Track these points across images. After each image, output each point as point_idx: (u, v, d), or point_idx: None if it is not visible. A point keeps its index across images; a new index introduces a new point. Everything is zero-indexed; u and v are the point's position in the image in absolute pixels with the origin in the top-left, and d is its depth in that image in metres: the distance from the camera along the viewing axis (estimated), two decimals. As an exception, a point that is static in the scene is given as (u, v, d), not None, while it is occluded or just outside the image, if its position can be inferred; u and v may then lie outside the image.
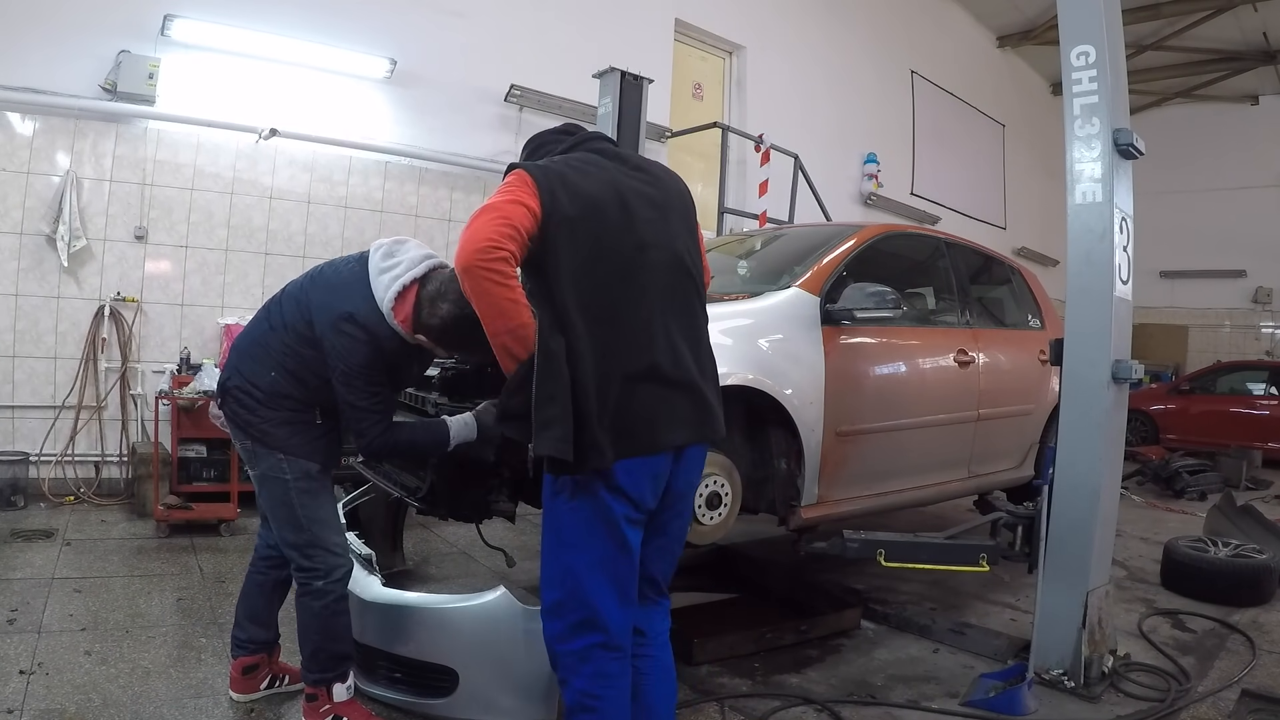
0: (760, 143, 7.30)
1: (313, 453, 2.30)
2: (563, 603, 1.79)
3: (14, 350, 4.94)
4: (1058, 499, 2.87)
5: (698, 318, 1.91)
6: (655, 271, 1.82)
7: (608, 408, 1.70)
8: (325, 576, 2.26)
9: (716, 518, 2.69)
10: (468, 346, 2.19)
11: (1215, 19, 10.70)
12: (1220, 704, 2.73)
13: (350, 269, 2.28)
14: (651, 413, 1.75)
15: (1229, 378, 10.25)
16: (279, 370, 2.25)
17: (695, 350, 1.87)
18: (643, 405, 1.74)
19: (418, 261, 2.22)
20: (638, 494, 1.76)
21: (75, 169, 5.01)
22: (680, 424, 1.79)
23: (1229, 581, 3.86)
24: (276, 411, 2.26)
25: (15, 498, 4.67)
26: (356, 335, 2.14)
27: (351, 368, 2.14)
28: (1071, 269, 2.91)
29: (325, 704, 2.28)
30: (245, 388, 2.28)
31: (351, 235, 5.98)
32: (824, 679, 2.88)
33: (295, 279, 2.40)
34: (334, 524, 2.34)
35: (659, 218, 1.87)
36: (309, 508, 2.27)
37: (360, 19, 5.91)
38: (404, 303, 2.17)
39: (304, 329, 2.23)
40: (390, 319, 2.17)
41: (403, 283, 2.17)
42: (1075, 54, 2.85)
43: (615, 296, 1.76)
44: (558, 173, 1.78)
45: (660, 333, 1.79)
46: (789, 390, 2.92)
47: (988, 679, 2.81)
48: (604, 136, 2.01)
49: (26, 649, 2.74)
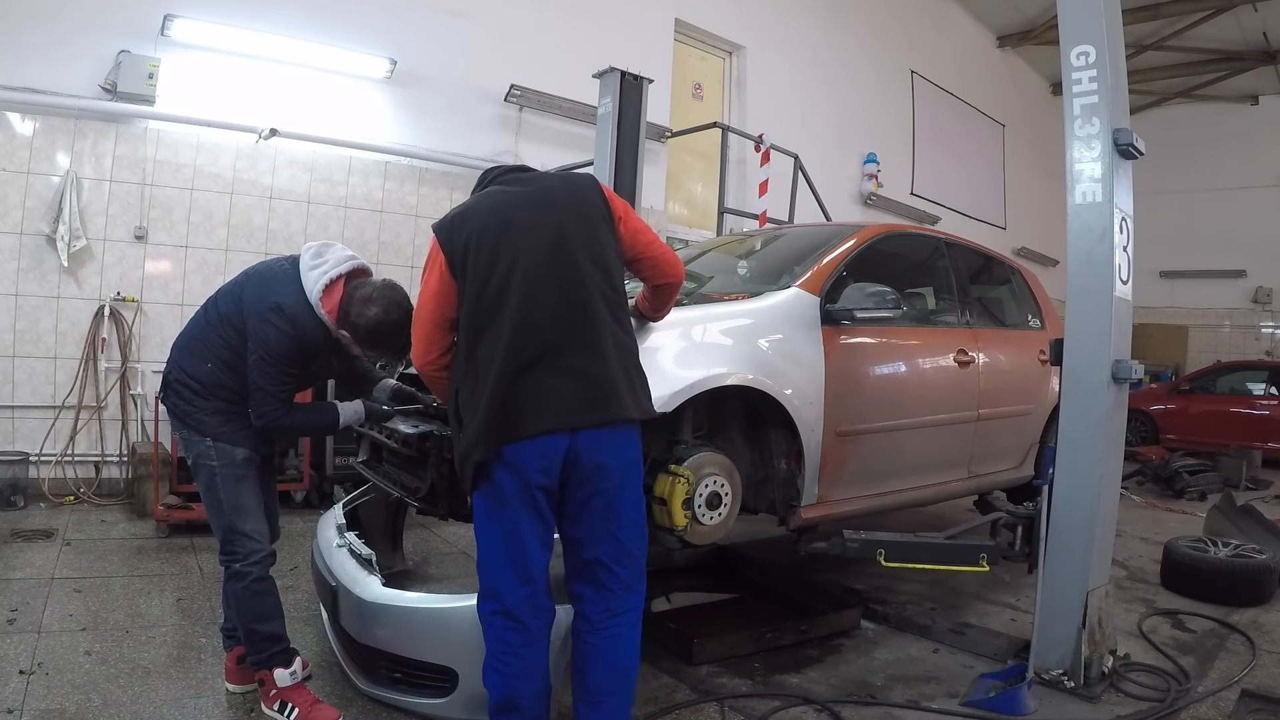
0: (760, 143, 7.30)
1: (241, 439, 2.45)
2: (478, 572, 2.07)
3: (14, 350, 4.94)
4: (1058, 499, 2.87)
5: (593, 308, 2.02)
6: (536, 274, 2.00)
7: (494, 406, 1.93)
8: (242, 559, 2.41)
9: (716, 518, 2.69)
10: (384, 348, 2.47)
11: (1215, 19, 10.70)
12: (1220, 704, 2.73)
13: (282, 266, 2.49)
14: (532, 402, 1.94)
15: (1229, 378, 10.25)
16: (215, 362, 2.42)
17: (588, 338, 1.99)
18: (524, 396, 1.94)
19: (343, 260, 2.47)
20: (525, 470, 1.95)
21: (75, 169, 5.01)
22: (564, 409, 1.95)
23: (1229, 581, 3.86)
24: (211, 401, 2.42)
25: (15, 498, 4.67)
26: (281, 326, 2.34)
27: (269, 354, 2.33)
28: (1071, 269, 2.91)
29: (272, 689, 2.41)
30: (184, 380, 2.44)
31: (351, 235, 5.98)
32: (824, 679, 2.88)
33: (232, 278, 2.56)
34: (254, 511, 2.47)
35: (539, 222, 2.05)
36: (231, 493, 2.42)
37: (360, 19, 5.91)
38: (331, 295, 2.39)
39: (238, 321, 2.41)
40: (318, 309, 2.38)
41: (329, 276, 2.40)
42: (1075, 54, 2.85)
43: (498, 306, 1.98)
44: (452, 220, 2.12)
45: (543, 328, 1.97)
46: (789, 390, 2.92)
47: (988, 679, 2.81)
48: (515, 169, 2.28)
49: (26, 649, 2.74)
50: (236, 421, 2.43)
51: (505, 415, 1.93)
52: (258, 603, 2.41)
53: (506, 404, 1.94)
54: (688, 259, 4.35)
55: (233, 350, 2.41)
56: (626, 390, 2.02)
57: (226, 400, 2.42)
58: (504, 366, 1.94)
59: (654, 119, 6.67)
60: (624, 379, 2.02)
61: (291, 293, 2.38)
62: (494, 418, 1.93)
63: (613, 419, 1.99)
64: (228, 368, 2.41)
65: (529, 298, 1.98)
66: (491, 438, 1.93)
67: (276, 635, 2.44)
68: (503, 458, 1.94)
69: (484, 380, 1.96)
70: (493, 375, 1.95)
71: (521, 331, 1.96)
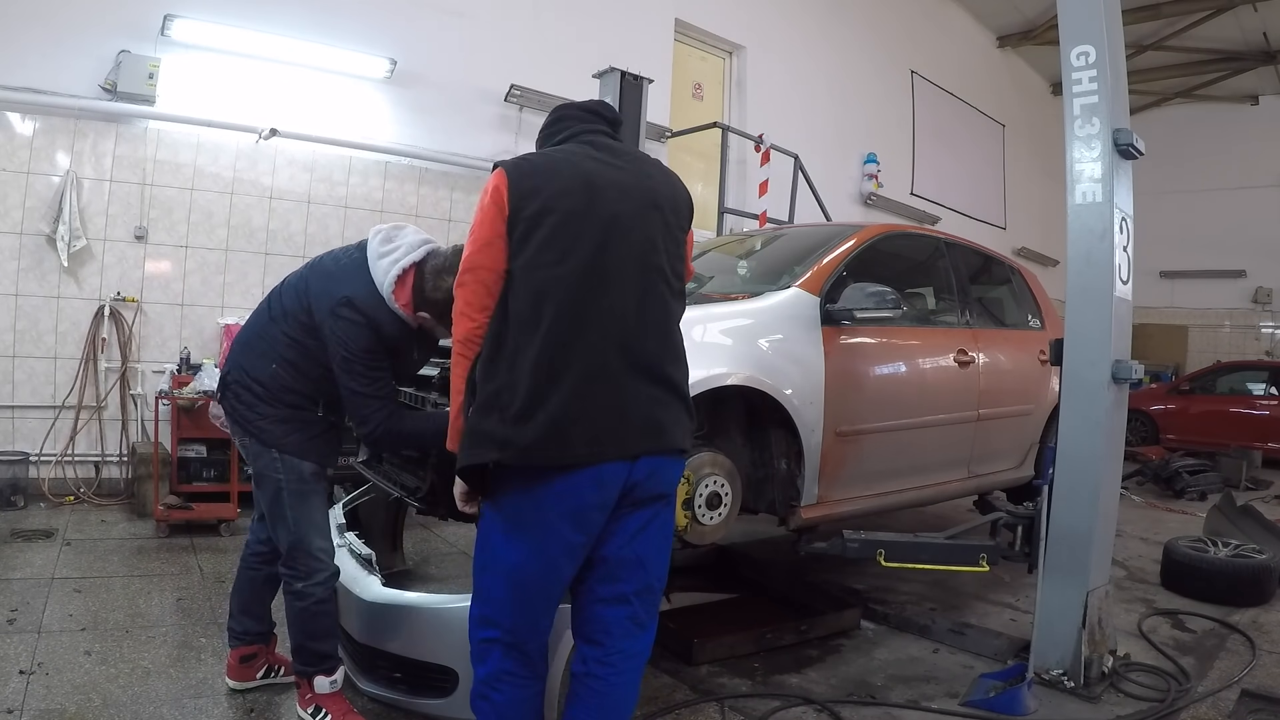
0: (760, 143, 7.31)
1: (308, 451, 2.30)
2: (474, 594, 1.84)
3: (14, 350, 4.94)
4: (1058, 499, 2.87)
5: (674, 325, 1.83)
6: (628, 267, 1.75)
7: (571, 407, 1.68)
8: (306, 579, 2.30)
9: (716, 518, 2.69)
10: None
11: (1215, 19, 10.70)
12: (1220, 704, 2.73)
13: (349, 256, 2.31)
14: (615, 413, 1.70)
15: (1229, 378, 10.25)
16: (280, 362, 2.25)
17: (675, 353, 1.81)
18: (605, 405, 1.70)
19: (416, 246, 2.26)
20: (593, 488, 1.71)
21: (75, 169, 5.01)
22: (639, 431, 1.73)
23: (1229, 581, 3.86)
24: (276, 408, 2.26)
25: (15, 498, 4.67)
26: (355, 319, 2.15)
27: (352, 353, 2.15)
28: (1071, 269, 2.91)
29: (308, 693, 2.36)
30: (245, 382, 2.28)
31: (351, 235, 5.96)
32: (824, 679, 2.88)
33: (295, 270, 2.41)
34: (322, 528, 2.35)
35: (638, 216, 1.79)
36: (298, 509, 2.29)
37: (360, 19, 5.91)
38: (404, 286, 2.20)
39: (304, 317, 2.23)
40: (391, 302, 2.19)
41: (402, 266, 2.20)
42: (1075, 54, 2.85)
43: (584, 285, 1.71)
44: (531, 167, 1.78)
45: (636, 331, 1.73)
46: (789, 390, 2.92)
47: (988, 679, 2.81)
48: (601, 128, 1.92)
49: (26, 649, 2.74)
50: (304, 431, 2.27)
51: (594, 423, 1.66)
52: (315, 623, 2.32)
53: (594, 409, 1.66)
54: (688, 259, 4.35)
55: (300, 349, 2.22)
56: (687, 416, 1.82)
57: (292, 406, 2.25)
58: (599, 366, 1.67)
59: (654, 119, 6.68)
60: (685, 405, 1.81)
61: (361, 283, 2.19)
62: (584, 423, 1.64)
63: (672, 447, 1.77)
64: (293, 368, 2.24)
65: (625, 292, 1.72)
66: (587, 447, 1.65)
67: (326, 654, 2.36)
68: (576, 472, 1.66)
69: (563, 370, 1.65)
70: (580, 371, 1.65)
71: (619, 333, 1.70)
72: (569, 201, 1.72)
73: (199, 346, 5.34)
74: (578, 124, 1.91)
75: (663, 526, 1.86)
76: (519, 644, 1.79)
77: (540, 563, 1.73)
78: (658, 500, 1.80)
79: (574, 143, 1.87)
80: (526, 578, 1.75)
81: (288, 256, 5.74)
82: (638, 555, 1.80)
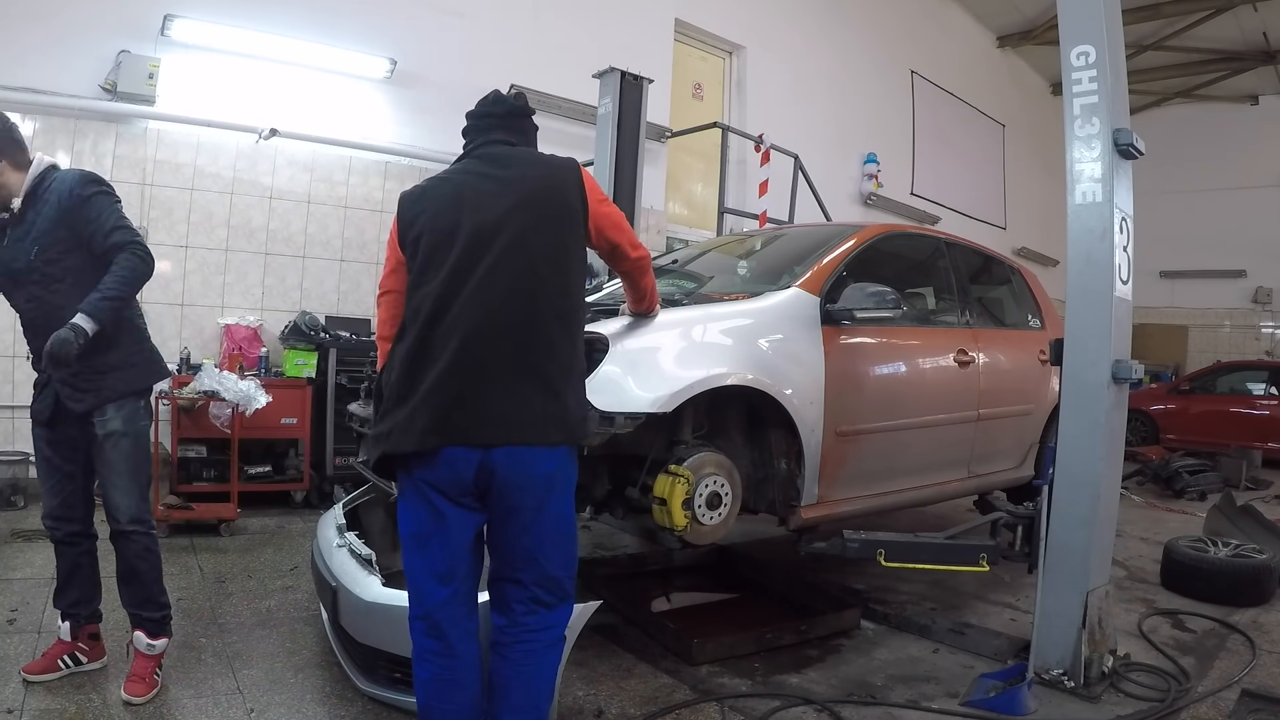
0: (760, 143, 7.30)
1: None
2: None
3: (14, 350, 4.94)
4: (1058, 499, 2.87)
5: (536, 321, 1.88)
6: (486, 278, 1.88)
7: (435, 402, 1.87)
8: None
9: (716, 518, 2.69)
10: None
11: (1215, 19, 10.71)
12: (1220, 704, 2.73)
13: None
14: (465, 408, 1.87)
15: (1229, 378, 10.26)
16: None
17: (524, 354, 1.87)
18: (455, 401, 1.86)
19: None
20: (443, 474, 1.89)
21: (75, 169, 5.00)
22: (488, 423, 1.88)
23: (1229, 581, 3.86)
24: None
25: (15, 498, 4.67)
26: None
27: None
28: (1071, 269, 2.91)
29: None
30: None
31: (352, 235, 5.98)
32: (824, 679, 2.87)
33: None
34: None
35: (501, 221, 1.91)
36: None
37: (360, 19, 5.92)
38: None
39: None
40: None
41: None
42: (1075, 54, 2.85)
43: (445, 300, 1.88)
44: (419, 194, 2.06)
45: (483, 336, 1.86)
46: (789, 390, 2.92)
47: (988, 679, 2.80)
48: (495, 138, 2.10)
49: (26, 649, 2.74)
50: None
51: (435, 415, 1.83)
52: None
53: (438, 403, 1.84)
54: (688, 259, 4.35)
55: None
56: (555, 410, 1.88)
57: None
58: (446, 366, 1.83)
59: (654, 119, 6.67)
60: (553, 400, 1.88)
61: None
62: (426, 415, 1.84)
63: (529, 440, 1.86)
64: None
65: (476, 301, 1.85)
66: (421, 435, 1.84)
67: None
68: (430, 456, 1.86)
69: (419, 372, 1.86)
70: (432, 372, 1.84)
71: (465, 336, 1.83)
72: (439, 222, 1.94)
73: (199, 346, 5.34)
74: (475, 135, 2.12)
75: (553, 522, 1.95)
76: (433, 621, 1.94)
77: (418, 531, 1.95)
78: (535, 492, 1.89)
79: (468, 159, 2.09)
80: (413, 548, 1.97)
81: (288, 256, 5.74)
82: (527, 550, 1.94)
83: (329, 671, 2.73)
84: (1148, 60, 11.83)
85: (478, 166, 2.03)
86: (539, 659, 1.99)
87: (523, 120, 2.13)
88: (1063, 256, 3.13)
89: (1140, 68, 11.81)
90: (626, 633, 3.12)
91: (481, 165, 2.02)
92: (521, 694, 1.96)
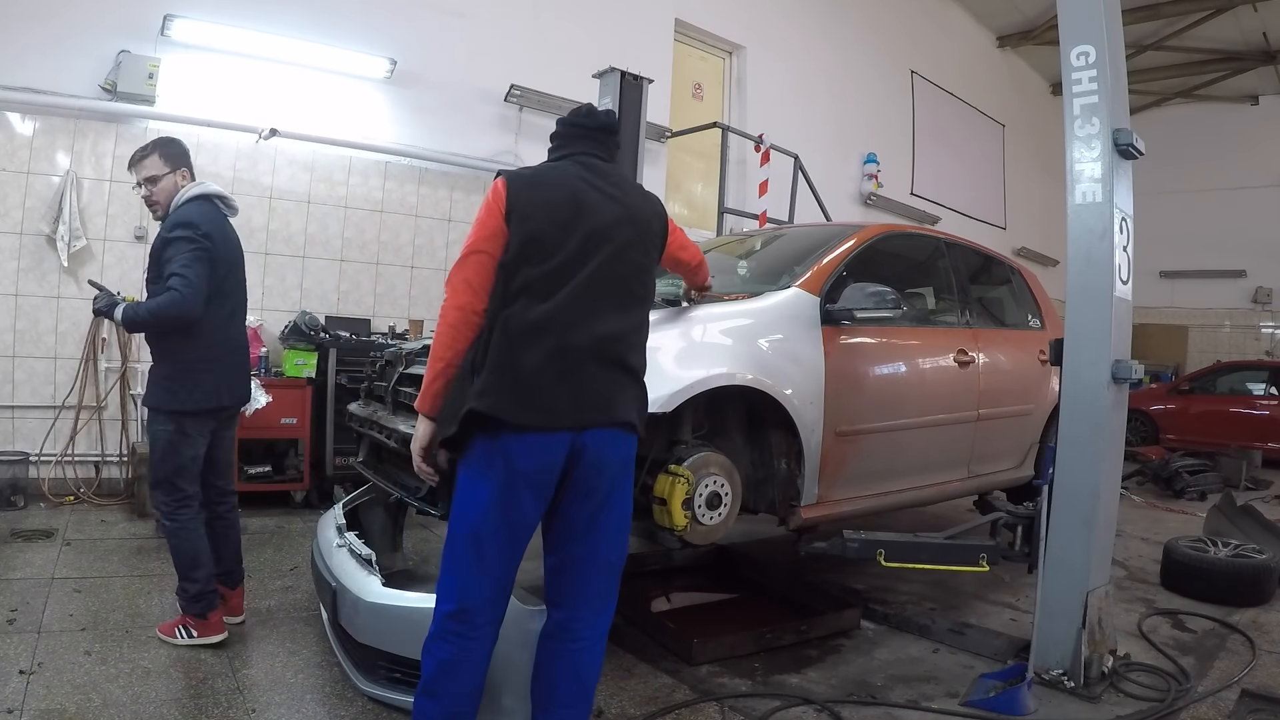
0: (760, 143, 7.31)
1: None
2: (447, 565, 2.03)
3: (14, 350, 4.94)
4: (1058, 499, 2.87)
5: (631, 311, 2.02)
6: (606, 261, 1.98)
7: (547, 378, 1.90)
8: None
9: (716, 518, 2.69)
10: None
11: (1215, 19, 10.71)
12: (1220, 704, 2.73)
13: None
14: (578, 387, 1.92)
15: (1229, 378, 10.26)
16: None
17: (633, 341, 2.03)
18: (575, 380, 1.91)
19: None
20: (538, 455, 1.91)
21: (75, 169, 5.01)
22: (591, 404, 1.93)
23: (1229, 581, 3.86)
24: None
25: (15, 498, 4.67)
26: None
27: None
28: (1071, 269, 2.91)
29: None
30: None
31: (351, 235, 5.98)
32: (824, 679, 2.88)
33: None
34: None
35: (614, 222, 2.02)
36: None
37: (360, 19, 5.91)
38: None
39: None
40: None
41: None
42: (1075, 54, 2.85)
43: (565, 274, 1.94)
44: (531, 177, 2.07)
45: (603, 318, 1.95)
46: (789, 390, 2.92)
47: (988, 679, 2.81)
48: (593, 152, 2.15)
49: (26, 649, 2.74)
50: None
51: (545, 393, 1.86)
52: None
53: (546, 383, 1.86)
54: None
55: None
56: (638, 397, 2.02)
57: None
58: (555, 347, 1.87)
59: (654, 119, 6.67)
60: (637, 388, 2.02)
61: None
62: (536, 392, 1.85)
63: (618, 422, 1.96)
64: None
65: (584, 293, 1.93)
66: (537, 412, 1.85)
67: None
68: (531, 434, 1.86)
69: (528, 347, 1.86)
70: (541, 350, 1.86)
71: (572, 323, 1.90)
72: (558, 214, 1.97)
73: (199, 346, 5.33)
74: (566, 144, 2.17)
75: (621, 506, 2.04)
76: (467, 610, 1.95)
77: (482, 520, 1.93)
78: (612, 475, 1.98)
79: (567, 162, 2.13)
80: (469, 541, 1.96)
81: (288, 256, 5.74)
82: (593, 536, 2.02)
83: (329, 671, 2.73)
84: (1148, 60, 11.83)
85: (584, 174, 2.08)
86: (592, 654, 2.04)
87: (612, 137, 2.22)
88: (1063, 256, 3.13)
89: (1140, 68, 11.81)
90: (626, 633, 3.12)
91: (587, 174, 2.08)
92: (572, 687, 2.01)
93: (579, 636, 2.02)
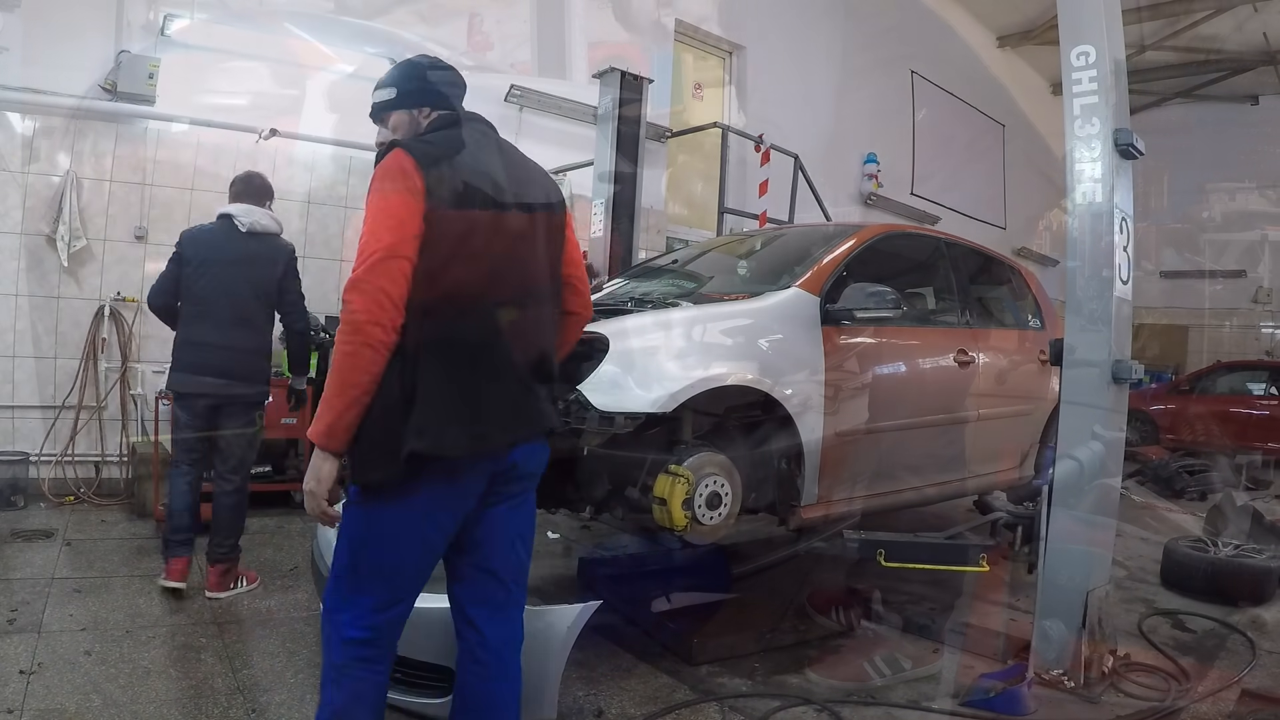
0: (760, 143, 7.30)
1: None
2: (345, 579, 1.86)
3: (14, 350, 4.94)
4: (1058, 499, 2.87)
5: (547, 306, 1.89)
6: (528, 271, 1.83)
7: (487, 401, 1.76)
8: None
9: (716, 518, 2.69)
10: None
11: (1215, 19, 10.70)
12: (1220, 704, 2.73)
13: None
14: (511, 407, 1.79)
15: (1229, 378, 10.24)
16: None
17: (547, 344, 1.90)
18: (503, 399, 1.77)
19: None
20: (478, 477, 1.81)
21: (75, 169, 5.01)
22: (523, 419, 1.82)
23: (1229, 581, 3.86)
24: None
25: (15, 498, 4.67)
26: None
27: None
28: (1071, 269, 2.91)
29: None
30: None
31: (351, 235, 5.97)
32: (824, 679, 2.87)
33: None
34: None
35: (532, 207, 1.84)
36: None
37: (360, 19, 5.91)
38: None
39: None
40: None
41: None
42: (1075, 54, 2.85)
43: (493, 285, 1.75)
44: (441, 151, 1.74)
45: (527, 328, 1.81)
46: (789, 390, 2.92)
47: (988, 679, 2.80)
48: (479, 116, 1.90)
49: (26, 649, 2.74)
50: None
51: (487, 415, 1.71)
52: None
53: (489, 402, 1.71)
54: (688, 259, 4.35)
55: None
56: (550, 403, 1.90)
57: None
58: (498, 363, 1.72)
59: (654, 119, 6.66)
60: (548, 393, 1.90)
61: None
62: (477, 414, 1.69)
63: (542, 433, 1.88)
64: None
65: (518, 295, 1.77)
66: (469, 438, 1.68)
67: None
68: (469, 461, 1.72)
69: (467, 364, 1.68)
70: (486, 367, 1.71)
71: (506, 330, 1.74)
72: (481, 203, 1.73)
73: (199, 346, 5.33)
74: (455, 103, 1.91)
75: (531, 513, 1.98)
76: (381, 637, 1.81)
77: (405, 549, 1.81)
78: (531, 483, 1.91)
79: (469, 129, 1.84)
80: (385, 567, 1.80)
81: (288, 256, 5.73)
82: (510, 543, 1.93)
83: (329, 671, 2.72)
84: (1148, 60, 11.82)
85: (494, 151, 1.83)
86: (516, 666, 1.95)
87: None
88: (1063, 256, 3.13)
89: (1140, 68, 11.80)
90: (626, 633, 3.12)
91: (496, 150, 1.84)
92: (513, 709, 1.93)
93: (511, 658, 1.94)
